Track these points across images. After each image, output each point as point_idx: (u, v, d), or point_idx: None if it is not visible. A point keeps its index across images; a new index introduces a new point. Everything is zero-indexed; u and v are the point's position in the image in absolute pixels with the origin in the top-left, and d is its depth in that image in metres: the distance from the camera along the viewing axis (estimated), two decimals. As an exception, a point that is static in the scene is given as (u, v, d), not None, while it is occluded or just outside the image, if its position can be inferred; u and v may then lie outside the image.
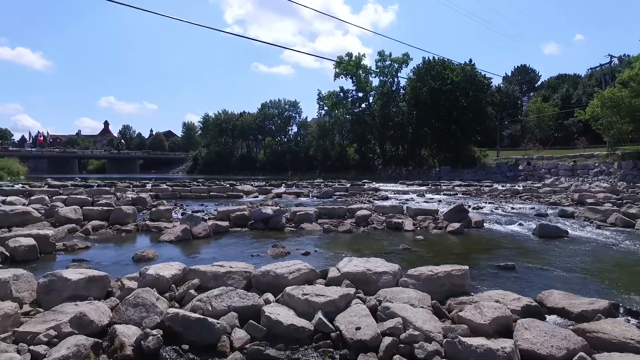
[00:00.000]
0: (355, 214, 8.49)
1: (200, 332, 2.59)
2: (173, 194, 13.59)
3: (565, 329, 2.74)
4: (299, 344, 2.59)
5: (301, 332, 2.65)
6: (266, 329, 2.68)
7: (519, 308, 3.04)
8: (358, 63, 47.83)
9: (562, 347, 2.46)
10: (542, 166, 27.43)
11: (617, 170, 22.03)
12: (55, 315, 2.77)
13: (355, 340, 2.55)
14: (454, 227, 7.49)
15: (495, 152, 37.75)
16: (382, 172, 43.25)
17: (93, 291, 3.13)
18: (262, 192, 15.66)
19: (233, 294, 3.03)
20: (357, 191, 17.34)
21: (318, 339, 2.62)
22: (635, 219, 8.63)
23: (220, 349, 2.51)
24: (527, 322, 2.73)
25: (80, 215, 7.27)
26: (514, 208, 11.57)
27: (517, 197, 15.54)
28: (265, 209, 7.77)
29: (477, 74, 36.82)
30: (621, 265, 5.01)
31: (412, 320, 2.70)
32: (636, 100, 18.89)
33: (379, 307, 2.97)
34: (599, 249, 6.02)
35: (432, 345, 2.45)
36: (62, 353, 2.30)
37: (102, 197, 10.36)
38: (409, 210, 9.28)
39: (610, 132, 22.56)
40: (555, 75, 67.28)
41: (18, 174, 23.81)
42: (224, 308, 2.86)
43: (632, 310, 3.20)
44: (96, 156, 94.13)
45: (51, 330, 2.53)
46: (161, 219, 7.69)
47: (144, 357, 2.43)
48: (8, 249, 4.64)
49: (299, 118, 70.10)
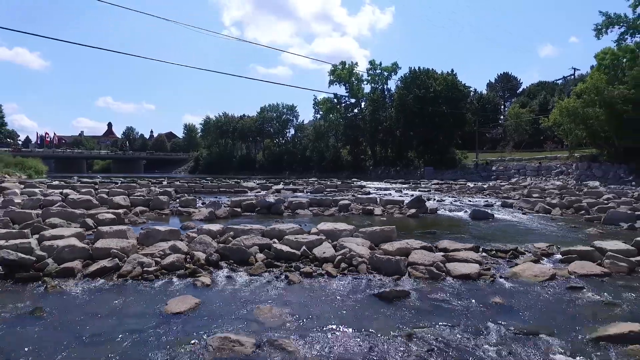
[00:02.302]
0: (339, 203, 10.58)
1: (239, 254, 4.66)
2: (189, 189, 15.60)
3: (437, 254, 4.86)
4: (291, 261, 4.67)
5: (293, 255, 4.74)
6: (274, 253, 4.76)
7: (419, 247, 5.14)
8: (351, 71, 50.00)
9: (429, 260, 4.56)
10: (512, 167, 29.78)
11: (574, 170, 24.35)
12: (157, 248, 4.81)
13: (321, 257, 4.64)
14: (412, 212, 9.60)
15: (475, 154, 40.09)
16: (373, 172, 45.40)
17: (173, 237, 5.18)
18: (264, 188, 17.69)
19: (255, 237, 5.11)
20: (345, 188, 19.42)
21: (302, 258, 4.71)
22: (554, 207, 10.82)
23: (250, 262, 4.58)
24: (417, 251, 4.84)
25: (129, 202, 9.28)
26: (471, 201, 13.72)
27: (481, 193, 17.73)
28: (268, 198, 9.84)
29: (457, 83, 39.28)
30: (505, 232, 7.16)
31: (354, 249, 4.79)
32: (587, 110, 21.17)
33: (337, 245, 5.06)
34: (505, 225, 8.17)
35: (362, 259, 4.55)
36: (170, 260, 4.36)
37: (135, 190, 12.36)
38: (381, 201, 11.39)
39: (569, 137, 24.89)
40: (535, 83, 70.08)
41: (41, 172, 25.58)
42: (250, 244, 4.93)
43: (485, 249, 5.32)
44: (103, 156, 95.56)
45: (160, 251, 4.59)
46: (189, 206, 9.71)
47: (210, 264, 4.49)
48: (97, 221, 6.67)
49: (296, 121, 72.12)
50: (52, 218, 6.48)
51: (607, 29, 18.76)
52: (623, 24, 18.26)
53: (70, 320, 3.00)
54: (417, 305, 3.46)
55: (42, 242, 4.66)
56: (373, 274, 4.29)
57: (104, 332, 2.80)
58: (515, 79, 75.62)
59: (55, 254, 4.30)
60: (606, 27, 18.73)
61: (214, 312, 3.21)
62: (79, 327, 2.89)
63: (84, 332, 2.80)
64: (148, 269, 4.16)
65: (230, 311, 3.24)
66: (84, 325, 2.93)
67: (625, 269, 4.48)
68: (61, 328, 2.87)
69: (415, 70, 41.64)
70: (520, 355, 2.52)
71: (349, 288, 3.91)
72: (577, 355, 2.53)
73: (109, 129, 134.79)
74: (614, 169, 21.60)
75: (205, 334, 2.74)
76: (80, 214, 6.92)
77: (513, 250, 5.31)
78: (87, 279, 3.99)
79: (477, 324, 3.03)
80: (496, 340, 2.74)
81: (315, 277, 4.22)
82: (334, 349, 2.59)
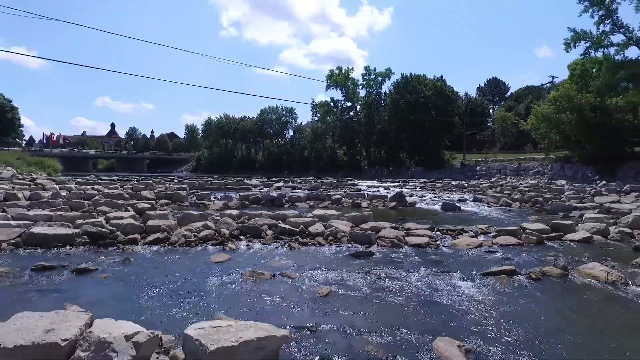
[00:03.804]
0: (332, 197, 12.10)
1: (254, 230, 6.17)
2: (199, 186, 17.06)
3: (401, 231, 6.40)
4: (292, 235, 6.19)
5: (293, 231, 6.25)
6: (280, 230, 6.28)
7: (388, 226, 6.66)
8: (347, 76, 51.50)
9: (394, 234, 6.09)
10: (495, 167, 31.47)
11: (549, 170, 26.02)
12: (193, 226, 6.29)
13: (315, 233, 6.17)
14: (393, 205, 11.14)
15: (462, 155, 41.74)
16: (367, 172, 46.92)
17: (202, 219, 6.67)
18: (266, 186, 19.19)
19: (265, 219, 6.64)
20: (340, 186, 20.96)
21: (300, 233, 6.23)
22: (515, 202, 12.40)
23: (262, 236, 6.08)
24: (386, 229, 6.37)
25: (154, 195, 10.75)
26: (448, 197, 15.28)
27: (461, 190, 19.29)
28: (271, 193, 11.34)
29: (446, 89, 41.03)
30: (464, 219, 8.70)
31: (339, 227, 6.31)
32: (560, 115, 22.83)
33: (327, 224, 6.58)
34: (467, 215, 9.72)
35: (344, 234, 6.07)
36: (204, 234, 5.87)
37: (156, 186, 13.81)
38: (369, 196, 12.93)
39: (545, 140, 26.57)
40: (523, 87, 72.04)
41: (57, 171, 26.88)
42: (261, 223, 6.44)
43: (439, 229, 6.87)
44: (108, 156, 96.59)
45: (196, 228, 6.09)
46: (204, 199, 11.18)
47: (233, 237, 6.00)
48: (136, 209, 8.14)
49: (294, 123, 73.55)
50: (101, 206, 7.95)
51: (574, 43, 20.40)
52: (588, 39, 19.91)
53: (148, 265, 4.51)
54: (379, 260, 4.99)
55: (108, 221, 6.15)
56: (352, 244, 5.81)
57: (175, 270, 4.30)
58: (503, 83, 77.45)
59: (121, 229, 5.79)
60: (574, 42, 20.36)
61: (241, 262, 4.73)
62: (157, 267, 4.40)
63: (162, 270, 4.31)
64: (190, 239, 5.66)
65: (252, 262, 4.76)
66: (160, 267, 4.44)
67: (534, 241, 6.04)
68: (145, 268, 4.37)
69: (407, 76, 43.27)
70: (434, 282, 4.04)
71: (334, 251, 5.43)
72: (468, 281, 4.07)
73: (112, 129, 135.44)
74: (583, 170, 23.26)
75: (240, 270, 4.26)
76: (122, 204, 8.39)
77: (460, 229, 6.85)
78: (147, 245, 5.49)
79: (414, 268, 4.56)
80: (422, 276, 4.26)
81: (310, 245, 5.74)
82: (319, 278, 4.11)
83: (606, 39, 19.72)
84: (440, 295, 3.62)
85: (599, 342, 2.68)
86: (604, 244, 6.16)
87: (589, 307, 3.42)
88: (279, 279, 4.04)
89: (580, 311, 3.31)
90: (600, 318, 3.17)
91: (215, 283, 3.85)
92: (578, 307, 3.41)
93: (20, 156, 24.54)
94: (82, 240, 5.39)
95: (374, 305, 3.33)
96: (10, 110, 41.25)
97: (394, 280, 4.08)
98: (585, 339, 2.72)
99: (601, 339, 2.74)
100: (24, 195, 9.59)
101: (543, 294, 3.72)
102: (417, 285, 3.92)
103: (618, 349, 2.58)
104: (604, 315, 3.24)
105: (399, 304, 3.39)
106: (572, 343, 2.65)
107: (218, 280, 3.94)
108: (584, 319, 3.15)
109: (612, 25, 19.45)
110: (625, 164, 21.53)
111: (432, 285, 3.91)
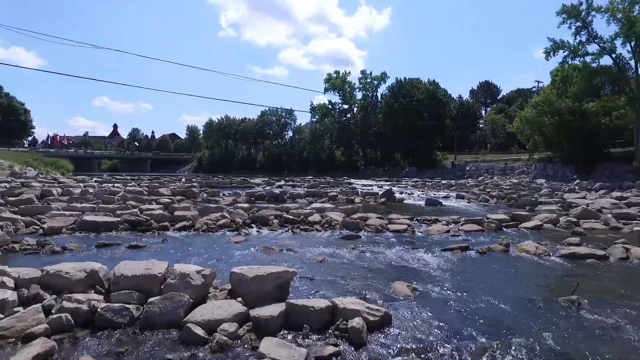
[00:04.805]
0: (329, 194, 13.25)
1: (263, 219, 7.32)
2: (207, 184, 18.18)
3: (384, 220, 7.56)
4: (295, 223, 7.34)
5: (295, 220, 7.40)
6: (284, 219, 7.43)
7: (374, 217, 7.82)
8: (344, 80, 52.74)
9: (378, 223, 7.25)
10: (483, 167, 32.74)
11: (533, 170, 27.28)
12: (212, 216, 7.43)
13: (313, 221, 7.33)
14: (382, 200, 12.31)
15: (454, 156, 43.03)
16: (364, 171, 48.09)
17: (218, 211, 7.81)
18: (268, 184, 20.32)
19: (272, 210, 7.79)
20: (336, 184, 22.10)
21: (301, 222, 7.39)
22: (493, 198, 13.59)
23: (269, 224, 7.23)
24: (372, 219, 7.53)
25: (170, 192, 11.87)
26: (435, 194, 16.46)
27: (448, 188, 20.48)
28: (275, 190, 12.47)
29: (438, 93, 42.37)
30: (442, 212, 9.88)
31: (333, 217, 7.47)
32: (541, 119, 24.08)
33: (323, 215, 7.74)
34: (446, 209, 10.89)
35: (337, 222, 7.23)
36: (222, 222, 7.01)
37: (169, 184, 14.93)
38: (362, 193, 14.09)
39: (529, 142, 27.85)
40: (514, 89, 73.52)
41: (69, 171, 27.89)
42: (269, 214, 7.59)
43: (418, 219, 8.03)
44: (113, 156, 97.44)
45: (215, 218, 7.23)
46: (214, 196, 12.30)
47: (245, 225, 7.15)
48: (159, 203, 9.26)
49: (294, 124, 74.68)
50: (129, 201, 9.06)
51: (554, 52, 21.63)
52: (566, 48, 21.15)
53: (182, 244, 5.65)
54: (364, 241, 6.15)
55: (142, 212, 7.28)
56: (343, 230, 6.96)
57: (205, 246, 5.44)
58: (495, 86, 78.88)
59: (154, 218, 6.93)
60: (553, 51, 21.59)
61: (255, 242, 5.87)
62: (190, 245, 5.54)
63: (195, 246, 5.45)
64: (211, 226, 6.80)
65: (263, 242, 5.90)
66: (192, 245, 5.58)
67: (494, 228, 7.21)
68: (181, 245, 5.50)
69: (401, 81, 44.59)
70: (403, 254, 5.20)
71: (328, 235, 6.59)
72: (429, 254, 5.22)
73: (115, 130, 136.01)
74: (563, 170, 24.49)
75: (255, 247, 5.41)
76: (146, 199, 9.51)
77: (435, 219, 8.02)
78: (176, 231, 6.62)
79: (391, 246, 5.72)
80: (395, 251, 5.41)
81: (309, 231, 6.89)
82: (316, 252, 5.26)
83: (582, 49, 20.99)
84: (406, 262, 4.78)
85: (512, 288, 3.84)
86: (551, 230, 7.34)
87: (512, 268, 4.59)
88: (285, 252, 5.19)
89: (504, 270, 4.48)
90: (517, 274, 4.34)
91: (239, 254, 5.00)
92: (504, 268, 4.58)
93: (37, 157, 25.59)
94: (123, 227, 6.52)
95: (356, 267, 4.49)
96: (23, 113, 42.21)
97: (373, 253, 5.24)
98: (501, 284, 3.89)
99: (514, 285, 3.91)
100: (57, 192, 10.69)
101: (483, 262, 4.89)
102: (390, 256, 5.08)
103: (524, 291, 3.75)
104: (521, 273, 4.42)
105: (374, 267, 4.55)
106: (490, 287, 3.81)
107: (240, 252, 5.09)
108: (504, 274, 4.32)
109: (587, 36, 20.73)
110: (601, 164, 22.81)
111: (402, 256, 5.07)
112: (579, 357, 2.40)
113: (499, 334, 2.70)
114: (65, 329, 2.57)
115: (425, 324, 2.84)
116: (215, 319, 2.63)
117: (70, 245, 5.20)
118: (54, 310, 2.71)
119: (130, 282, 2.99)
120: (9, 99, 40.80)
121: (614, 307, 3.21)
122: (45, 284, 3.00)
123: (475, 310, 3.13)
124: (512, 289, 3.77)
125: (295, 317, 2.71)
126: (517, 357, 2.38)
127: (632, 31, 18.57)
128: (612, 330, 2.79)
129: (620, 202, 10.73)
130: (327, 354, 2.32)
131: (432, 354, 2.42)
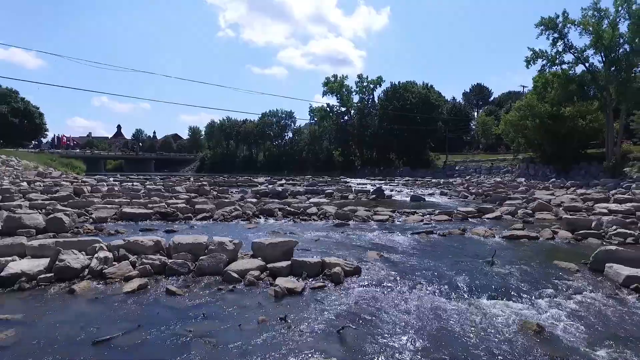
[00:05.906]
0: (325, 191, 14.57)
1: (269, 212, 8.63)
2: (215, 183, 19.46)
3: (370, 212, 8.89)
4: (295, 215, 8.65)
5: (296, 212, 8.71)
6: (287, 211, 8.74)
7: (362, 209, 9.13)
8: (341, 83, 54.10)
9: (366, 214, 8.57)
10: (471, 167, 34.14)
11: (517, 169, 28.67)
12: (226, 208, 8.72)
13: (311, 213, 8.64)
14: (373, 197, 13.63)
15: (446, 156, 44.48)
16: (360, 171, 49.45)
17: (231, 205, 9.11)
18: (270, 183, 21.62)
19: (276, 204, 9.11)
20: (333, 183, 23.43)
21: (301, 214, 8.70)
22: (471, 194, 14.93)
23: (275, 215, 8.55)
24: (360, 211, 8.85)
25: (185, 189, 13.16)
26: (422, 191, 17.78)
27: (436, 186, 21.82)
28: (277, 188, 13.77)
29: (430, 97, 43.85)
30: (423, 206, 11.22)
31: (328, 209, 8.79)
32: (523, 122, 25.45)
33: (319, 208, 9.06)
34: (427, 203, 12.20)
35: (331, 213, 8.55)
36: (235, 213, 8.32)
37: (182, 183, 16.22)
38: (355, 190, 15.41)
39: (514, 143, 29.24)
40: (506, 92, 75.01)
41: (82, 171, 29.10)
42: (274, 207, 8.90)
43: (399, 211, 9.36)
44: (119, 157, 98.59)
45: (229, 210, 8.53)
46: (224, 193, 13.59)
47: (255, 216, 8.47)
48: (179, 198, 10.55)
49: (293, 126, 75.99)
50: (153, 197, 10.35)
51: (533, 61, 22.98)
52: (545, 58, 22.50)
53: (207, 229, 6.96)
54: (352, 228, 7.46)
55: (169, 205, 8.57)
56: (336, 220, 8.26)
57: (225, 230, 6.74)
58: (487, 88, 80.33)
59: (179, 210, 8.22)
60: (533, 60, 22.94)
61: (264, 228, 7.18)
62: (213, 230, 6.84)
63: (217, 230, 6.77)
64: (226, 217, 8.10)
65: (271, 228, 7.21)
66: (214, 230, 6.89)
67: (460, 218, 8.53)
68: (206, 230, 6.80)
69: (395, 85, 46.11)
70: (381, 236, 6.51)
71: (323, 223, 7.90)
72: (402, 236, 6.54)
73: (119, 131, 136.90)
74: (543, 169, 25.85)
75: (264, 231, 6.73)
76: (167, 195, 10.80)
77: (413, 211, 9.35)
78: (198, 221, 7.92)
79: (372, 231, 7.03)
80: (376, 235, 6.72)
81: (307, 221, 8.20)
82: (313, 235, 6.57)
83: (559, 58, 22.33)
84: (381, 241, 6.10)
85: (453, 256, 5.15)
86: (509, 220, 8.66)
87: (461, 245, 5.91)
88: (289, 235, 6.50)
89: (454, 246, 5.81)
90: (462, 248, 5.67)
91: (252, 236, 6.30)
92: (454, 245, 5.90)
93: (55, 158, 26.82)
94: (156, 217, 7.82)
95: (342, 244, 5.81)
96: (38, 117, 43.42)
97: (357, 236, 6.56)
98: (446, 254, 5.20)
99: (455, 254, 5.22)
100: (87, 189, 11.97)
101: (441, 241, 6.21)
102: (370, 237, 6.40)
103: (459, 257, 5.06)
104: (465, 248, 5.74)
105: (356, 244, 5.87)
106: (439, 255, 5.11)
107: (253, 235, 6.40)
108: (452, 249, 5.65)
109: (564, 46, 22.07)
110: (577, 164, 24.20)
111: (379, 237, 6.39)
112: (479, 289, 3.73)
113: (431, 277, 4.02)
114: (148, 274, 3.88)
115: (384, 273, 4.17)
116: (245, 268, 3.95)
117: (120, 229, 6.50)
118: (138, 264, 4.02)
119: (185, 248, 4.30)
120: (25, 103, 42.13)
121: (518, 267, 4.54)
122: (127, 249, 4.31)
123: (422, 267, 4.45)
124: (453, 256, 5.10)
125: (297, 268, 4.03)
126: (439, 285, 3.71)
127: (600, 43, 19.91)
128: (507, 276, 4.13)
129: (578, 198, 12.06)
130: (317, 286, 3.65)
131: (385, 288, 3.74)
